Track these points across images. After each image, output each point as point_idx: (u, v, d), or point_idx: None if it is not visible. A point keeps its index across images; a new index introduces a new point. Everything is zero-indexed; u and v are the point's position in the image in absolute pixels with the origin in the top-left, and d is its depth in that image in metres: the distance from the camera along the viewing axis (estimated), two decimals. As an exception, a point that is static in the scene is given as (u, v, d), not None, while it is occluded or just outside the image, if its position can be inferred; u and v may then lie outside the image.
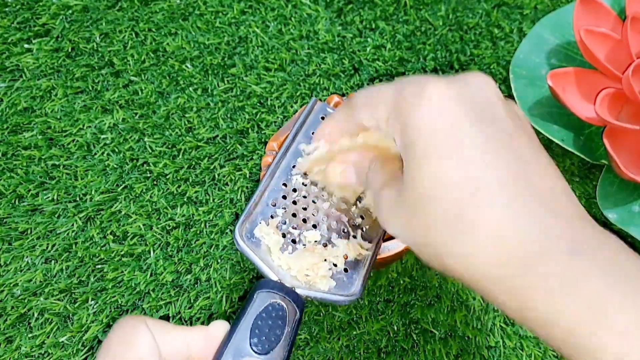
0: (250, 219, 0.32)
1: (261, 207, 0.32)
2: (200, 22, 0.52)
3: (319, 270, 0.30)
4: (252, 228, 0.31)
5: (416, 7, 0.53)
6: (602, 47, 0.41)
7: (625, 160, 0.37)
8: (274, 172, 0.34)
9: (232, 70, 0.50)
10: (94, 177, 0.45)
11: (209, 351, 0.25)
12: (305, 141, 0.35)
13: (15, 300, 0.41)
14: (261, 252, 0.30)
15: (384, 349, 0.40)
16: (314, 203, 0.33)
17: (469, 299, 0.41)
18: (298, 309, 0.27)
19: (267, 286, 0.28)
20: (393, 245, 0.35)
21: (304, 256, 0.30)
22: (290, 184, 0.34)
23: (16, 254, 0.42)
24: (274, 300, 0.27)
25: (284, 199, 0.33)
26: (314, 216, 0.33)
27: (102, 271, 0.42)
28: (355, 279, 0.30)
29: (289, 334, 0.26)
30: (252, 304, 0.27)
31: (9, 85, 0.49)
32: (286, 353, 0.26)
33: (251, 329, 0.26)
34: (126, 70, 0.50)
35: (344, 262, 0.31)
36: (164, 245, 0.43)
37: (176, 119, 0.48)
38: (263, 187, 0.33)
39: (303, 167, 0.33)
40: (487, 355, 0.40)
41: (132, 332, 0.22)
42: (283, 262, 0.30)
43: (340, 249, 0.31)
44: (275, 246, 0.30)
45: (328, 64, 0.50)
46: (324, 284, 0.30)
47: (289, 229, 0.32)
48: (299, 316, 0.27)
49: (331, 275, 0.30)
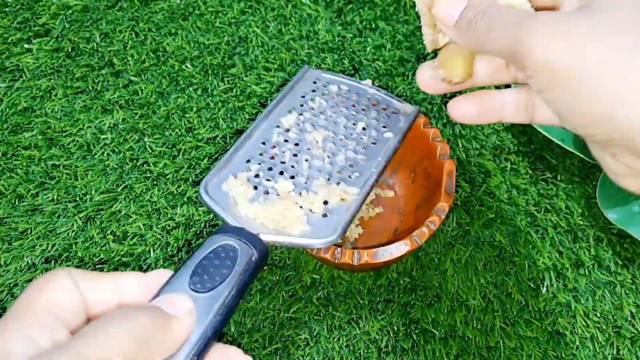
0: (220, 174, 0.31)
1: (233, 164, 0.32)
2: (200, 22, 0.52)
3: (289, 215, 0.29)
4: (220, 183, 0.31)
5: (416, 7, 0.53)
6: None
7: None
8: (252, 133, 0.33)
9: (232, 70, 0.50)
10: (94, 177, 0.45)
11: (146, 297, 0.23)
12: (289, 106, 0.35)
13: (15, 300, 0.41)
14: (228, 204, 0.29)
15: (384, 349, 0.40)
16: (295, 156, 0.32)
17: (468, 299, 0.41)
18: (256, 250, 0.26)
19: (221, 231, 0.27)
20: (395, 249, 0.35)
21: (274, 204, 0.29)
22: (270, 142, 0.33)
23: (16, 254, 0.42)
24: (225, 242, 0.26)
25: (261, 156, 0.32)
26: (293, 168, 0.32)
27: (102, 271, 0.42)
28: (335, 223, 0.29)
29: (238, 273, 0.25)
30: (202, 246, 0.25)
31: (9, 85, 0.49)
32: (233, 292, 0.24)
33: (194, 269, 0.24)
34: (126, 70, 0.50)
35: (322, 207, 0.30)
36: (164, 245, 0.43)
37: (176, 119, 0.48)
38: (236, 146, 0.32)
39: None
40: (487, 355, 0.40)
41: (51, 277, 0.20)
42: (250, 211, 0.29)
43: (319, 195, 0.30)
44: (243, 197, 0.30)
45: (328, 64, 0.50)
46: (296, 229, 0.28)
47: (262, 181, 0.31)
48: (256, 257, 0.26)
49: (306, 220, 0.29)
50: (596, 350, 0.40)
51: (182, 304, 0.22)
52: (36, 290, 0.20)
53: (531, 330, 0.41)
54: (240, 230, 0.27)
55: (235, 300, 0.24)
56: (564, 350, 0.40)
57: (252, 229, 0.27)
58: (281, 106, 0.35)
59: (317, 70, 0.37)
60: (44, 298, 0.20)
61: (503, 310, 0.41)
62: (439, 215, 0.35)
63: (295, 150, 0.33)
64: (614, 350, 0.40)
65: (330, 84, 0.37)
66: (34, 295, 0.19)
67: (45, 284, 0.20)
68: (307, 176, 0.31)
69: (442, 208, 0.35)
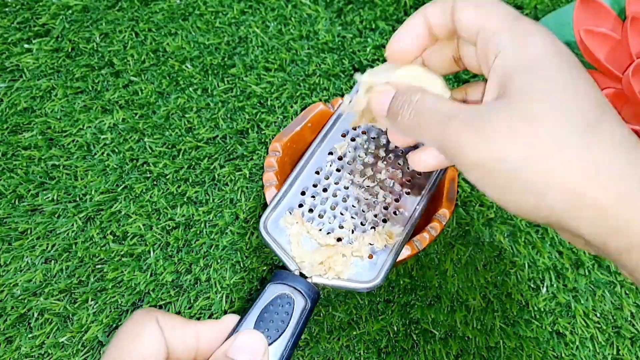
0: (277, 209, 0.33)
1: (289, 197, 0.34)
2: (200, 22, 0.52)
3: (338, 260, 0.31)
4: (278, 218, 0.32)
5: (416, 7, 0.53)
6: (602, 48, 0.41)
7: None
8: (308, 161, 0.35)
9: (232, 71, 0.50)
10: (94, 177, 0.45)
11: (218, 343, 0.26)
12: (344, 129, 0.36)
13: (15, 300, 0.41)
14: (283, 241, 0.31)
15: (384, 349, 0.40)
16: (346, 189, 0.34)
17: (468, 299, 0.41)
18: (309, 299, 0.28)
19: (278, 277, 0.29)
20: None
21: (325, 249, 0.31)
22: (324, 171, 0.35)
23: (16, 254, 0.42)
24: (283, 292, 0.28)
25: (315, 187, 0.34)
26: (343, 202, 0.34)
27: (102, 271, 0.42)
28: (379, 266, 0.31)
29: (294, 325, 0.27)
30: (262, 295, 0.28)
31: (9, 85, 0.49)
32: (290, 344, 0.26)
33: (256, 320, 0.26)
34: (126, 71, 0.50)
35: (368, 251, 0.32)
36: (164, 245, 0.43)
37: (176, 119, 0.48)
38: (294, 177, 0.34)
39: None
40: (487, 355, 0.40)
41: (141, 327, 0.23)
42: (303, 252, 0.31)
43: (366, 239, 0.32)
44: (297, 236, 0.31)
45: (328, 64, 0.50)
46: (344, 273, 0.30)
47: (315, 217, 0.33)
48: (310, 306, 0.28)
49: (354, 264, 0.31)
50: (596, 351, 0.40)
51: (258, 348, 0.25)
52: (127, 341, 0.22)
53: (531, 330, 0.41)
54: (294, 277, 0.29)
55: (290, 351, 0.26)
56: (564, 350, 0.40)
57: (305, 271, 0.30)
58: (336, 129, 0.36)
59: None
60: (135, 351, 0.22)
61: (503, 310, 0.41)
62: (440, 222, 0.35)
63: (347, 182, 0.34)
64: (614, 350, 0.40)
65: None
66: (126, 346, 0.22)
67: (136, 336, 0.22)
68: (354, 225, 0.33)
69: (444, 214, 0.35)
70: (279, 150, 0.37)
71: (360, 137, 0.36)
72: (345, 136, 0.36)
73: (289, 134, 0.37)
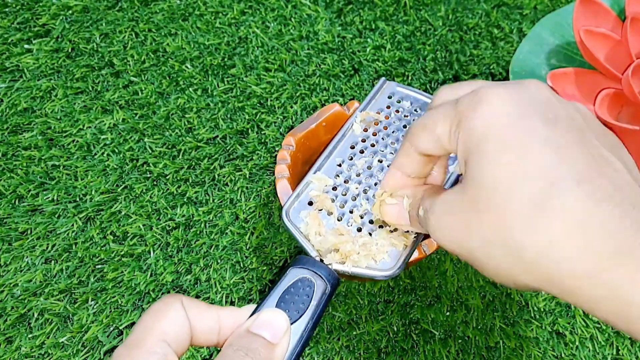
0: (300, 197, 0.34)
1: (312, 187, 0.34)
2: (200, 23, 0.52)
3: (354, 254, 0.31)
4: (300, 207, 0.33)
5: (416, 7, 0.54)
6: (601, 48, 0.41)
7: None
8: (331, 152, 0.36)
9: (232, 71, 0.50)
10: (94, 178, 0.45)
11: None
12: (365, 124, 0.37)
13: (15, 300, 0.41)
14: (304, 229, 0.32)
15: (384, 349, 0.40)
16: (367, 180, 0.35)
17: (468, 299, 0.41)
18: (329, 284, 0.29)
19: (300, 262, 0.29)
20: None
21: (346, 239, 0.32)
22: (346, 163, 0.35)
23: (16, 254, 0.42)
24: (304, 275, 0.29)
25: (337, 178, 0.35)
26: (365, 193, 0.34)
27: (102, 271, 0.42)
28: (397, 258, 0.32)
29: (314, 308, 0.27)
30: (283, 278, 0.29)
31: (9, 85, 0.49)
32: (309, 326, 0.27)
33: (277, 302, 0.27)
34: (126, 71, 0.50)
35: (387, 243, 0.32)
36: (164, 246, 0.43)
37: (176, 119, 0.48)
38: (316, 167, 0.35)
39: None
40: (487, 355, 0.40)
41: (165, 307, 0.24)
42: (322, 240, 0.32)
43: (384, 232, 0.32)
44: (317, 226, 0.32)
45: (328, 65, 0.50)
46: (362, 262, 0.31)
47: (336, 207, 0.33)
48: (329, 291, 0.29)
49: (370, 252, 0.32)
50: (596, 350, 0.40)
51: (281, 325, 0.26)
52: (154, 318, 0.23)
53: (531, 330, 0.41)
54: (314, 262, 0.30)
55: (310, 333, 0.27)
56: (564, 350, 0.40)
57: (325, 258, 0.31)
58: (357, 122, 0.37)
59: (393, 83, 0.39)
60: (160, 328, 0.23)
61: (503, 310, 0.41)
62: None
63: (367, 175, 0.35)
64: (614, 350, 0.40)
65: (404, 100, 0.38)
66: (150, 323, 0.23)
67: (163, 314, 0.24)
68: (374, 216, 0.34)
69: None
70: (292, 144, 0.37)
71: (382, 131, 0.37)
72: (367, 131, 0.37)
73: (303, 131, 0.37)
